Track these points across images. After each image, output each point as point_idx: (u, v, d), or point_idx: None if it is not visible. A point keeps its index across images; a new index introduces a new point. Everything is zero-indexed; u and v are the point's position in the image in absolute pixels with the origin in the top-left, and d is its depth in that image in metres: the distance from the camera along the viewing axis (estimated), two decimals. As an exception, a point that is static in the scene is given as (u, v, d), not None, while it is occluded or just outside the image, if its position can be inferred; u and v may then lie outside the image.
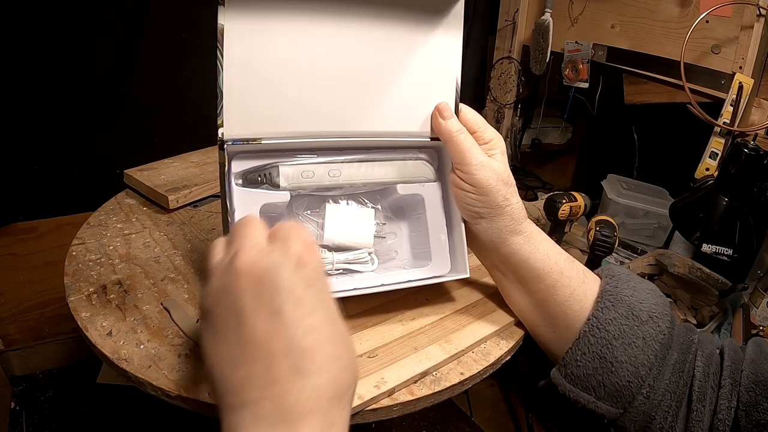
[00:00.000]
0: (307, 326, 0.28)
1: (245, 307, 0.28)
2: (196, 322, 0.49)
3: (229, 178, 0.44)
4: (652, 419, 0.43)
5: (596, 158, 1.65)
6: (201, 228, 0.68)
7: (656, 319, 0.44)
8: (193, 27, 1.10)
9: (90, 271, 0.57)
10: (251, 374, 0.28)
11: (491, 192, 0.45)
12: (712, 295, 0.96)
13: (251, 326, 0.28)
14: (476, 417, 1.24)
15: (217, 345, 0.29)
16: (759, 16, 0.88)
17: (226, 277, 0.29)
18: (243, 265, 0.29)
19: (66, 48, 0.98)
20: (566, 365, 0.45)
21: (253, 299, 0.28)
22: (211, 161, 0.85)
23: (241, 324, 0.28)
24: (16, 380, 1.25)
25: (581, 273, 0.48)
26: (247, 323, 0.28)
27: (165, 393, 0.42)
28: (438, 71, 0.48)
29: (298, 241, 0.30)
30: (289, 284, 0.29)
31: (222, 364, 0.29)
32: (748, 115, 0.94)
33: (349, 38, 0.44)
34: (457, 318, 0.52)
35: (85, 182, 1.08)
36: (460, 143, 0.46)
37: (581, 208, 1.01)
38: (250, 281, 0.29)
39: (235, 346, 0.28)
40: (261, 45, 0.42)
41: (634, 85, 1.14)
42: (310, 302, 0.29)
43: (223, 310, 0.29)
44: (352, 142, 0.48)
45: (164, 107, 1.14)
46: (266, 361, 0.27)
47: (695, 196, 0.84)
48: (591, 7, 1.19)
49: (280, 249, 0.30)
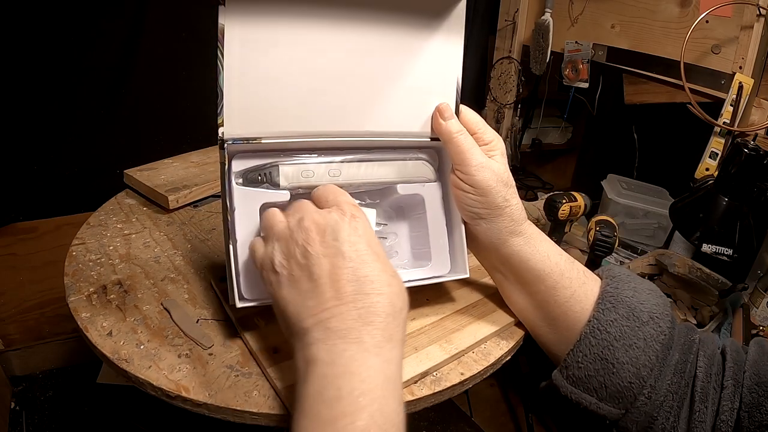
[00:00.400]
0: (363, 260, 0.36)
1: (316, 254, 0.36)
2: (196, 322, 0.49)
3: (230, 177, 0.44)
4: (654, 420, 0.43)
5: (596, 158, 1.65)
6: (201, 228, 0.68)
7: (657, 319, 0.44)
8: (193, 27, 1.10)
9: (90, 271, 0.57)
10: (322, 299, 0.35)
11: (491, 193, 0.45)
12: (712, 295, 0.96)
13: (320, 266, 0.35)
14: (476, 417, 1.24)
15: (291, 288, 0.36)
16: (759, 16, 0.88)
17: (297, 235, 0.37)
18: (311, 224, 0.37)
19: (66, 48, 0.98)
20: (567, 367, 0.45)
21: (321, 247, 0.36)
22: (211, 161, 0.85)
23: (312, 266, 0.35)
24: (16, 380, 1.25)
25: (581, 274, 0.48)
26: (317, 265, 0.35)
27: (165, 393, 0.42)
28: (439, 72, 0.48)
29: (347, 203, 0.39)
30: (347, 233, 0.36)
31: (296, 300, 0.36)
32: (748, 115, 0.94)
33: (350, 38, 0.44)
34: (457, 318, 0.52)
35: (85, 182, 1.08)
36: (460, 144, 0.46)
37: (581, 208, 1.01)
38: (317, 234, 0.36)
39: (307, 284, 0.35)
40: (261, 45, 0.42)
41: (634, 85, 1.14)
42: (364, 244, 0.36)
43: (295, 260, 0.36)
44: (353, 142, 0.48)
45: (164, 107, 1.14)
46: (333, 288, 0.35)
47: (695, 196, 0.84)
48: (591, 7, 1.19)
49: (336, 210, 0.38)
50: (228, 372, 0.44)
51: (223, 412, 0.41)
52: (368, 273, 0.35)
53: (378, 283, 0.35)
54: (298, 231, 0.37)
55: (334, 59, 0.44)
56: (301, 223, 0.37)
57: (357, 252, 0.36)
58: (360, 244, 0.36)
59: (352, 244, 0.36)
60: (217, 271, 0.58)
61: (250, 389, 0.42)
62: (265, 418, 0.41)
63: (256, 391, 0.42)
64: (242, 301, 0.43)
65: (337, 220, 0.37)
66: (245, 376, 0.43)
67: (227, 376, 0.43)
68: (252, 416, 0.41)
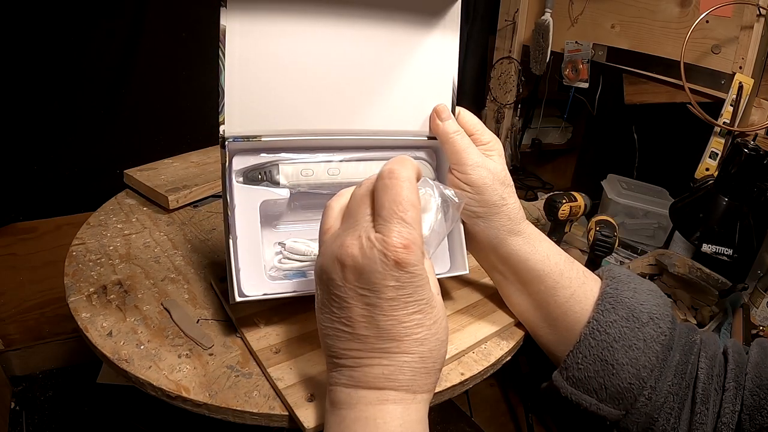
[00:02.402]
0: (396, 319, 0.32)
1: (347, 296, 0.33)
2: (196, 322, 0.49)
3: (230, 175, 0.45)
4: (654, 421, 0.42)
5: (596, 158, 1.65)
6: (201, 228, 0.68)
7: (657, 320, 0.44)
8: (193, 27, 1.10)
9: (90, 272, 0.57)
10: (350, 347, 0.33)
11: (487, 191, 0.45)
12: (712, 295, 0.96)
13: (351, 311, 0.33)
14: (476, 417, 1.24)
15: (324, 316, 0.35)
16: (759, 16, 0.88)
17: (332, 265, 0.33)
18: (346, 259, 0.32)
19: (66, 48, 0.98)
20: (567, 368, 0.45)
21: (353, 291, 0.32)
22: (211, 161, 0.85)
23: (343, 308, 0.33)
24: (16, 380, 1.25)
25: (581, 274, 0.48)
26: (347, 308, 0.33)
27: (165, 393, 0.42)
28: (435, 72, 0.48)
29: (399, 236, 0.31)
30: (383, 285, 0.32)
31: (329, 334, 0.34)
32: (748, 115, 0.94)
33: (348, 38, 0.45)
34: (457, 318, 0.52)
35: (85, 182, 1.08)
36: (457, 144, 0.46)
37: (581, 208, 1.01)
38: (351, 274, 0.32)
39: (338, 323, 0.34)
40: (261, 45, 0.42)
41: (634, 85, 1.14)
42: (401, 299, 0.32)
43: (328, 291, 0.34)
44: (351, 141, 0.48)
45: (164, 107, 1.14)
46: (362, 342, 0.33)
47: (695, 196, 0.84)
48: (591, 7, 1.19)
49: (379, 246, 0.31)
50: (228, 372, 0.44)
51: (224, 412, 0.41)
52: (398, 333, 0.32)
53: (407, 343, 0.32)
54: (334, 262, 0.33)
55: (333, 59, 0.45)
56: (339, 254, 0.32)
57: (391, 310, 0.32)
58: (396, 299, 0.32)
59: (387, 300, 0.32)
60: (217, 271, 0.58)
61: (251, 389, 0.42)
62: (265, 418, 0.41)
63: (256, 391, 0.42)
64: (241, 296, 0.43)
65: (376, 266, 0.31)
66: (245, 377, 0.43)
67: (227, 376, 0.43)
68: (252, 416, 0.41)
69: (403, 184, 0.33)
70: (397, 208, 0.32)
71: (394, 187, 0.33)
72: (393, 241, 0.31)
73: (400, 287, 0.32)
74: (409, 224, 0.32)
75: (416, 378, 0.33)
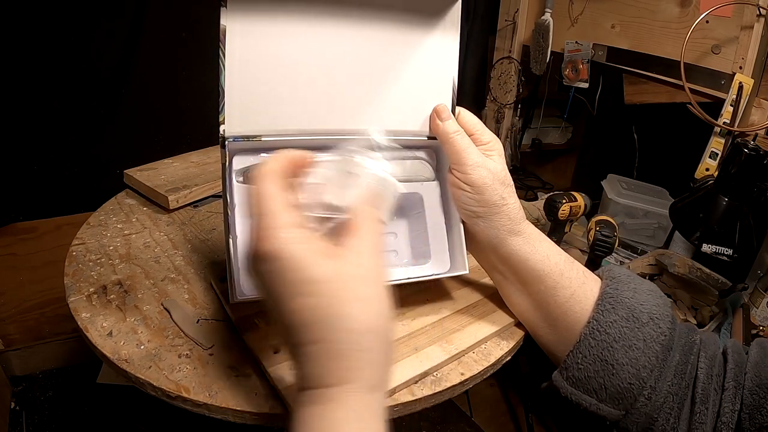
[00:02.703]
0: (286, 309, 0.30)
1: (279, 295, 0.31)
2: (196, 322, 0.49)
3: (230, 175, 0.45)
4: (654, 421, 0.43)
5: (596, 158, 1.65)
6: (201, 228, 0.68)
7: (657, 320, 0.44)
8: (193, 27, 1.10)
9: (90, 272, 0.57)
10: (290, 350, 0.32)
11: (487, 191, 0.45)
12: (712, 295, 0.96)
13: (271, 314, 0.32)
14: (476, 417, 1.24)
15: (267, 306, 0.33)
16: (759, 16, 0.88)
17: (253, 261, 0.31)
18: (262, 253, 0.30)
19: (66, 48, 0.98)
20: (567, 368, 0.45)
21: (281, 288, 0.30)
22: (211, 161, 0.85)
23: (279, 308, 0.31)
24: (16, 380, 1.25)
25: (581, 274, 0.48)
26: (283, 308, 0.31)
27: (165, 393, 0.42)
28: (435, 72, 0.49)
29: (253, 231, 0.31)
30: (266, 282, 0.31)
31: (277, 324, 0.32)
32: (748, 115, 0.94)
33: (348, 39, 0.45)
34: (457, 318, 0.52)
35: (85, 182, 1.08)
36: (457, 144, 0.46)
37: (581, 208, 1.01)
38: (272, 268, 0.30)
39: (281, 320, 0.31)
40: (261, 45, 0.42)
41: (634, 85, 1.14)
42: (279, 288, 0.30)
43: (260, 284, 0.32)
44: (351, 141, 0.48)
45: (164, 107, 1.14)
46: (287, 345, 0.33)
47: (695, 196, 0.84)
48: (591, 7, 1.19)
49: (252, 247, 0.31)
50: (228, 372, 0.44)
51: (224, 412, 0.41)
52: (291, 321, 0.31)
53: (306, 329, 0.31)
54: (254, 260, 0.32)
55: (333, 59, 0.45)
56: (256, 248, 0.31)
57: (276, 296, 0.31)
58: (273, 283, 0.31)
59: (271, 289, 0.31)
60: (217, 271, 0.58)
61: (251, 390, 0.42)
62: (266, 418, 0.41)
63: (256, 391, 0.42)
64: (241, 296, 0.43)
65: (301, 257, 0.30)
66: (245, 377, 0.43)
67: (227, 376, 0.43)
68: (252, 416, 0.41)
69: (253, 186, 0.33)
70: (250, 208, 0.32)
71: (250, 192, 0.33)
72: (252, 238, 0.31)
73: (274, 276, 0.30)
74: (257, 214, 0.31)
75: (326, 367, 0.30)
